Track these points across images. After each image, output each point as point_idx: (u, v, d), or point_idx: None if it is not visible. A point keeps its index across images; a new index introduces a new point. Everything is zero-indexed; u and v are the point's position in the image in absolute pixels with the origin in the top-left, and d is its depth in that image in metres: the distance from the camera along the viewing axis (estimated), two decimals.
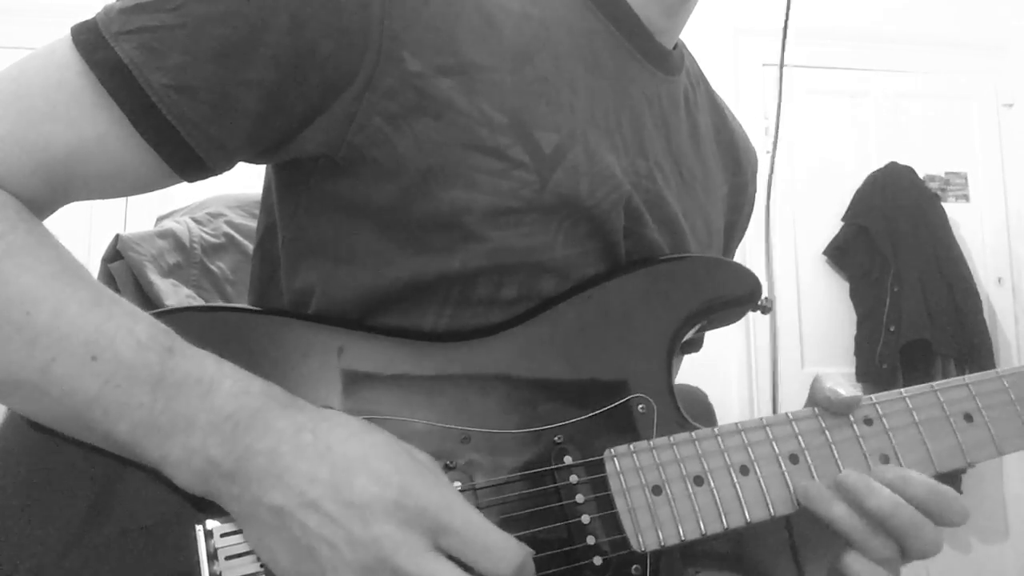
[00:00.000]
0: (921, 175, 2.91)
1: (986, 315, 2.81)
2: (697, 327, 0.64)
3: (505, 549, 0.46)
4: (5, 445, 0.52)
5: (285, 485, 0.45)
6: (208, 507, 0.49)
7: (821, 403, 0.58)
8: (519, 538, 0.50)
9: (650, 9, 0.67)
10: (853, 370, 2.77)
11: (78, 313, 0.48)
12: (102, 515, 0.50)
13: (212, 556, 0.49)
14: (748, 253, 2.63)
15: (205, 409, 0.47)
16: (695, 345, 0.78)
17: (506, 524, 0.52)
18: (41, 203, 0.54)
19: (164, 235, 1.10)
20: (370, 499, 0.45)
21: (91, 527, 0.49)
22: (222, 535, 0.49)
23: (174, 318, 0.56)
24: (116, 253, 1.03)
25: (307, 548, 0.45)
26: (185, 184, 0.56)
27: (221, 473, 0.47)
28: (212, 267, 1.14)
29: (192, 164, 0.54)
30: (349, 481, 0.45)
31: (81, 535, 0.49)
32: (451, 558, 0.46)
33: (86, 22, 0.53)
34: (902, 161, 2.90)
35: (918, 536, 0.52)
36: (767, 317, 2.80)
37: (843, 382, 0.58)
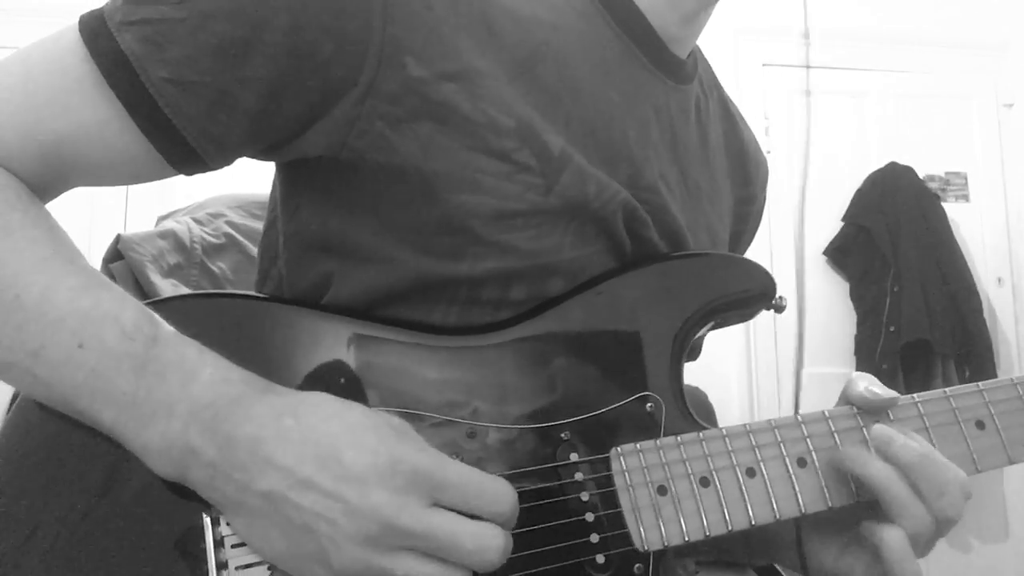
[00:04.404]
0: (921, 175, 2.91)
1: (986, 315, 2.82)
2: (709, 325, 0.64)
3: (500, 491, 0.48)
4: (19, 420, 0.52)
5: (273, 469, 0.46)
6: None
7: (856, 401, 0.58)
8: (523, 533, 0.51)
9: (665, 18, 0.66)
10: (853, 370, 2.77)
11: (67, 299, 0.48)
12: (110, 496, 0.50)
13: (219, 544, 0.49)
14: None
15: (185, 398, 0.47)
16: (693, 352, 0.77)
17: None
18: (43, 186, 0.54)
19: (165, 235, 1.10)
20: (363, 470, 0.45)
21: (99, 506, 0.50)
22: (228, 523, 0.49)
23: (179, 305, 0.56)
24: (117, 253, 1.03)
25: (303, 528, 0.45)
26: (186, 183, 0.56)
27: (202, 463, 0.47)
28: (212, 267, 1.14)
29: (188, 158, 0.54)
30: (338, 456, 0.45)
31: (87, 513, 0.49)
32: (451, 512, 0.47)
33: (93, 11, 0.53)
34: (902, 161, 2.91)
35: (944, 497, 0.53)
36: (770, 318, 2.80)
37: (878, 381, 0.58)
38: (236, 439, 0.46)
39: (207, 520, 0.49)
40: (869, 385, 0.58)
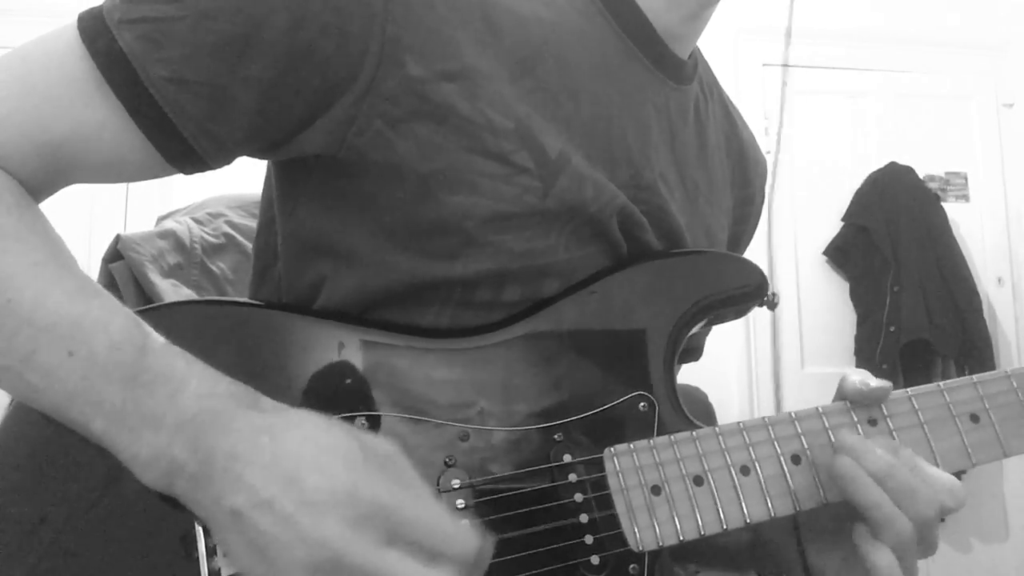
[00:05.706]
0: (921, 175, 2.91)
1: (986, 315, 2.81)
2: (703, 323, 0.64)
3: (464, 534, 0.46)
4: (15, 424, 0.52)
5: (241, 487, 0.45)
6: None
7: (851, 396, 0.58)
8: (517, 536, 0.50)
9: (666, 18, 0.66)
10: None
11: (58, 305, 0.48)
12: (105, 501, 0.50)
13: (211, 552, 0.49)
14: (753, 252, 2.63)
15: (172, 410, 0.47)
16: (695, 353, 0.77)
17: (504, 522, 0.52)
18: (40, 184, 0.54)
19: (164, 235, 1.10)
20: (322, 498, 0.44)
21: (95, 512, 0.50)
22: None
23: (173, 311, 0.56)
24: (116, 253, 1.03)
25: (262, 550, 0.44)
26: (186, 183, 0.56)
27: (186, 476, 0.46)
28: (212, 267, 1.14)
29: (187, 157, 0.54)
30: (301, 480, 0.44)
31: (84, 518, 0.50)
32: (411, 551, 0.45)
33: (92, 9, 0.53)
34: (902, 161, 2.90)
35: (916, 498, 0.53)
36: (769, 317, 2.80)
37: (871, 376, 0.58)
38: (214, 454, 0.46)
39: (199, 529, 0.49)
40: (862, 379, 0.58)
